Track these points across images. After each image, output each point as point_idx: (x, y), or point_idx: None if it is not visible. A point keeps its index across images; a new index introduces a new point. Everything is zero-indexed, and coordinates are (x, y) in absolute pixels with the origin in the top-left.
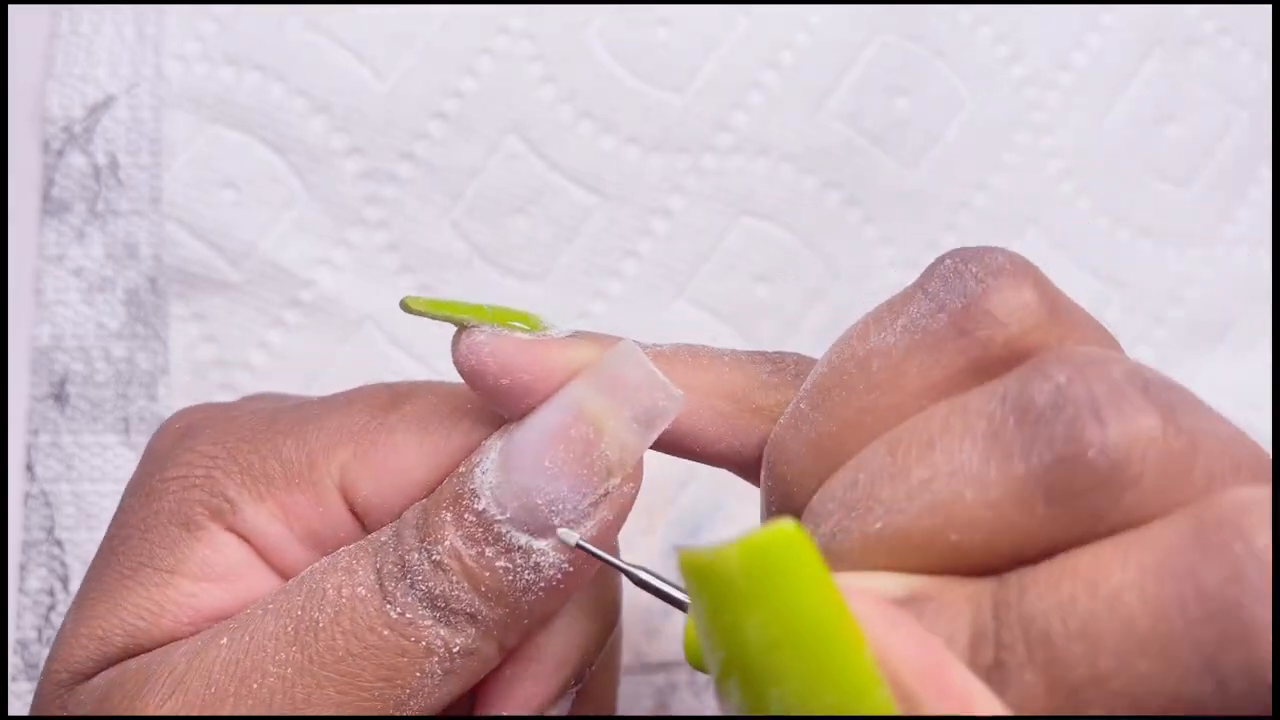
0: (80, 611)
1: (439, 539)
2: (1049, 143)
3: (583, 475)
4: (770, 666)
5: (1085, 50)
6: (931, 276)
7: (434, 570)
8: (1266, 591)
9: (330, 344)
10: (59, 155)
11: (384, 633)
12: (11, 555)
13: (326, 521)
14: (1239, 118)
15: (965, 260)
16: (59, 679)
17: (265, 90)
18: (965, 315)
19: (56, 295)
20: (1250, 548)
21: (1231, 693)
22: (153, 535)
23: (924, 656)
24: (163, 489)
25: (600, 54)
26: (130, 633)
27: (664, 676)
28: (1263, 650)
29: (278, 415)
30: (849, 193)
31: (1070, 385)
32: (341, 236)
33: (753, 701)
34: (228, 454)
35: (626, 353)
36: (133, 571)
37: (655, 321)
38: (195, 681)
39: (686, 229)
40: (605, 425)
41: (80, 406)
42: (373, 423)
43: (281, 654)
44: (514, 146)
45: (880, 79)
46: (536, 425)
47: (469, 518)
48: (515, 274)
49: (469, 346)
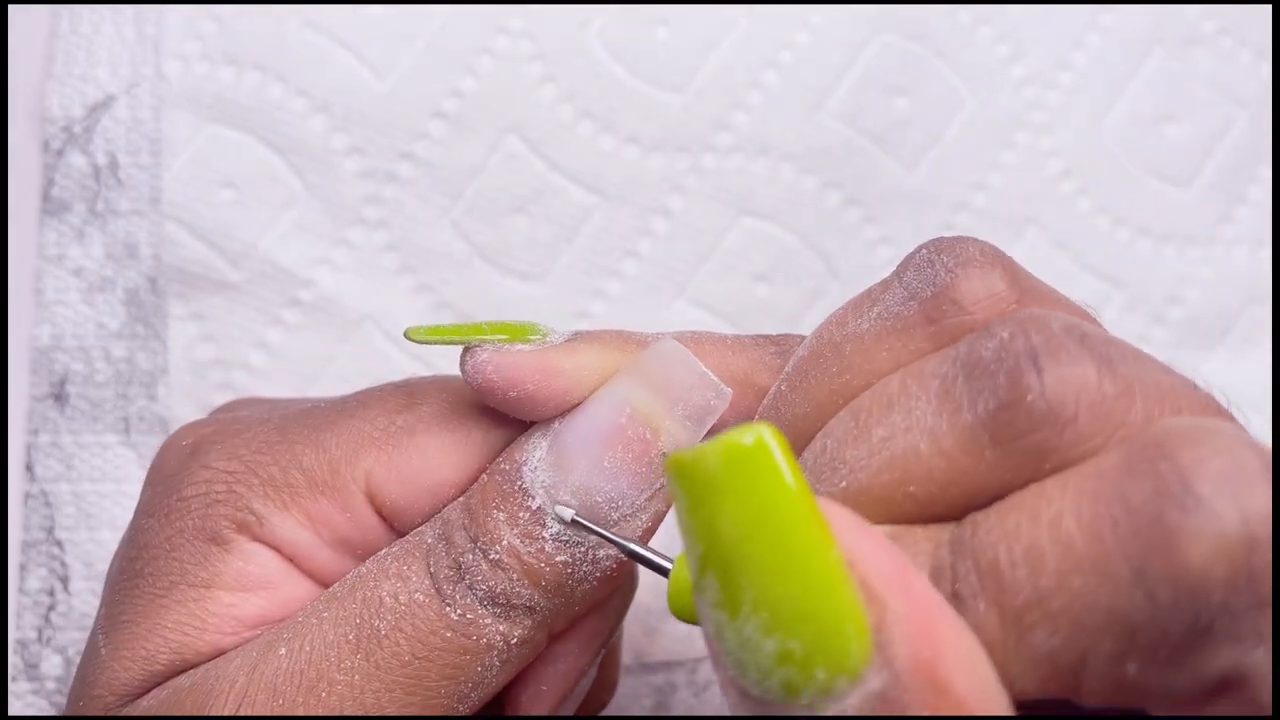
0: (117, 635)
1: (495, 539)
2: (1049, 143)
3: (642, 473)
4: (744, 557)
5: (1085, 50)
6: (907, 266)
7: (492, 569)
8: (1187, 501)
9: (330, 344)
10: (59, 155)
11: (446, 634)
12: (11, 555)
13: (354, 526)
14: (1239, 118)
15: (938, 250)
16: (105, 702)
17: (265, 90)
18: (934, 304)
19: (56, 295)
20: (1173, 464)
21: (1159, 602)
22: (180, 553)
23: (890, 561)
24: (183, 508)
25: (600, 54)
26: (175, 649)
27: (664, 676)
28: (1182, 555)
29: (287, 424)
30: (849, 193)
31: (1012, 339)
32: (341, 236)
33: (728, 593)
34: (246, 468)
35: (674, 353)
36: (166, 590)
37: (655, 321)
38: (259, 694)
39: (686, 229)
40: (661, 425)
41: (80, 406)
42: (392, 426)
43: (346, 662)
44: (514, 146)
45: (880, 79)
46: (589, 425)
47: (523, 515)
48: (515, 274)
49: (474, 367)
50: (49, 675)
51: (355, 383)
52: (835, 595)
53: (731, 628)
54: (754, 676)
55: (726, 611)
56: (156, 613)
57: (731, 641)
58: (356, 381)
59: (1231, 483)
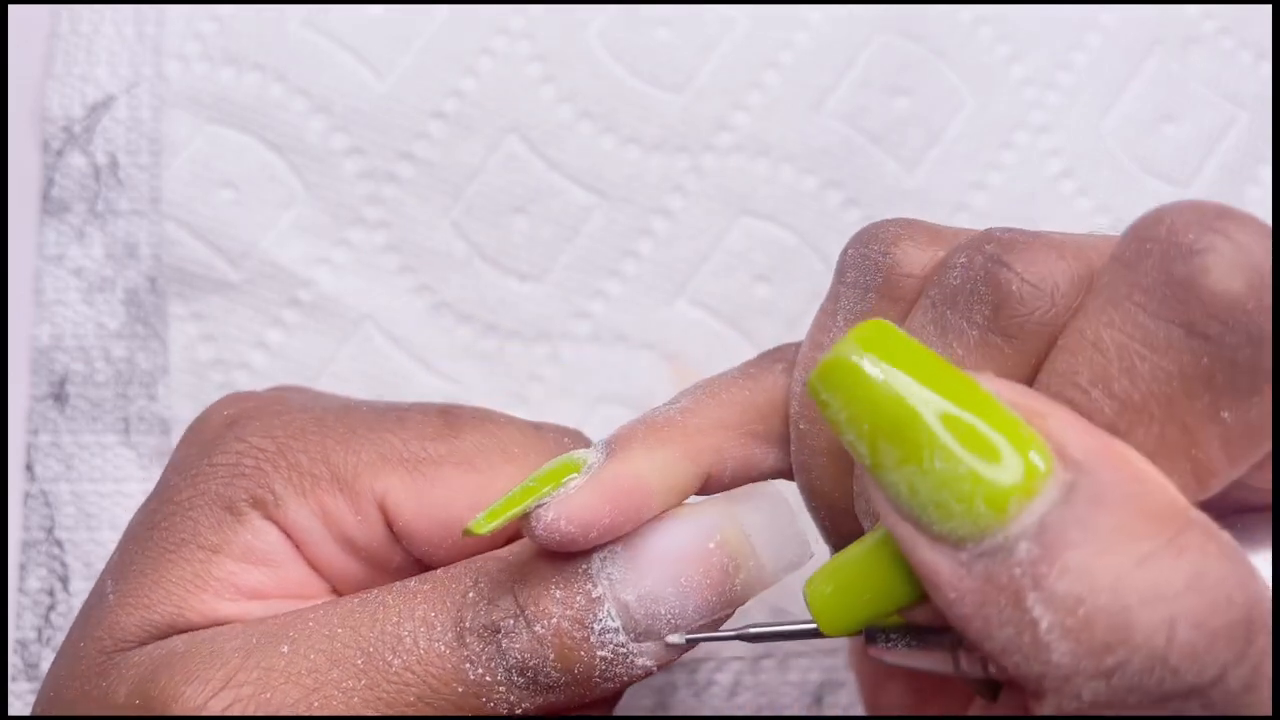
0: (125, 583)
1: (543, 614)
2: (1049, 142)
3: (710, 600)
4: (913, 408)
5: (1085, 50)
6: (845, 269)
7: (531, 643)
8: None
9: (329, 344)
10: (59, 155)
11: (458, 689)
12: (11, 555)
13: (362, 531)
14: (1239, 118)
15: (864, 243)
16: (103, 645)
17: (265, 90)
18: (887, 286)
19: (56, 295)
20: (1154, 239)
21: (1213, 336)
22: (196, 514)
23: (1030, 391)
24: (211, 472)
25: (600, 54)
26: (175, 604)
27: (664, 676)
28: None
29: (326, 418)
30: (849, 193)
31: (970, 260)
32: (341, 236)
33: (909, 447)
34: (278, 449)
35: (777, 502)
36: (176, 547)
37: (655, 321)
38: (249, 681)
39: (686, 229)
40: (745, 564)
41: (80, 406)
42: (423, 452)
43: (348, 682)
44: (514, 146)
45: (880, 79)
46: (675, 540)
47: (579, 600)
48: (515, 274)
49: (545, 528)
50: None
51: (355, 383)
52: (1002, 411)
53: (922, 475)
54: (958, 509)
55: (914, 463)
56: (164, 567)
57: (926, 489)
58: (356, 381)
59: (1202, 218)
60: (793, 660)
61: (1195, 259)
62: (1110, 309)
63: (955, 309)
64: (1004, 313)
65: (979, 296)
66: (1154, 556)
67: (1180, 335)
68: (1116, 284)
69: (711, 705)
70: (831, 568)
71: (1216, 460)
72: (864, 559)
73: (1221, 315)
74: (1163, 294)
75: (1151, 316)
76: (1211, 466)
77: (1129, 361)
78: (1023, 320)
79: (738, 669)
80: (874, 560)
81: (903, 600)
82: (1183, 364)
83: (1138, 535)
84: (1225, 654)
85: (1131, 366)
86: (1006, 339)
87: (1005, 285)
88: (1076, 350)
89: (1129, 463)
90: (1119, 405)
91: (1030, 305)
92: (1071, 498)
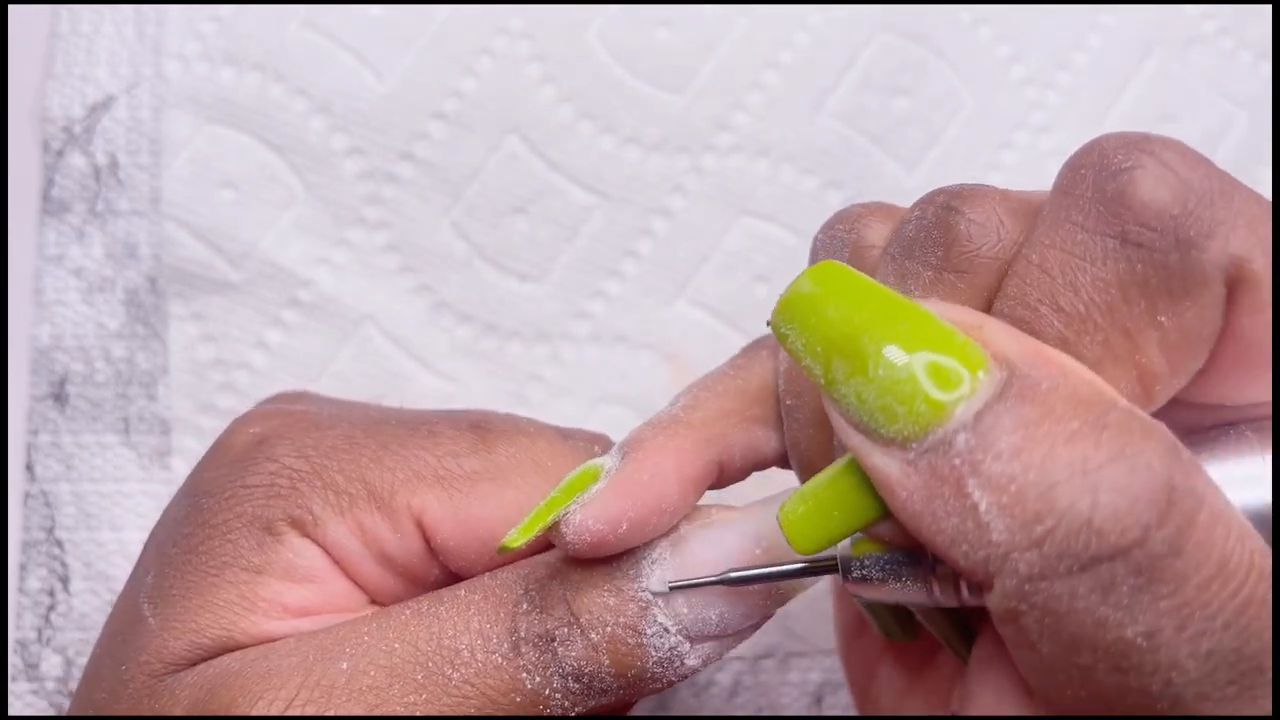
0: (168, 607)
1: (599, 622)
2: (1049, 143)
3: (760, 605)
4: (859, 325)
5: (1085, 50)
6: (816, 253)
7: (586, 651)
8: (1112, 169)
9: (330, 344)
10: (59, 155)
11: (515, 699)
12: (11, 555)
13: (400, 547)
14: (1239, 118)
15: (831, 226)
16: (150, 669)
17: (265, 90)
18: (855, 259)
19: (56, 295)
20: (1083, 165)
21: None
22: (236, 536)
23: (961, 308)
24: (246, 494)
25: (600, 54)
26: (224, 626)
27: None
28: (1137, 200)
29: (356, 435)
30: (849, 193)
31: (922, 212)
32: (341, 236)
33: (857, 360)
34: (313, 469)
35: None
36: (219, 570)
37: (655, 321)
38: (311, 700)
39: (686, 229)
40: (786, 584)
41: (80, 406)
42: (458, 469)
43: (410, 697)
44: (514, 146)
45: (880, 79)
46: (724, 547)
47: (632, 608)
48: (515, 274)
49: (575, 531)
50: (49, 675)
51: (355, 382)
52: (938, 323)
53: (868, 383)
54: (901, 410)
55: (860, 374)
56: (208, 590)
57: (872, 396)
58: (356, 381)
59: (1129, 141)
60: (793, 660)
61: (1124, 175)
62: (1052, 231)
63: (912, 257)
64: (954, 250)
65: (932, 240)
66: (1079, 435)
67: (1115, 245)
68: (1056, 209)
69: (711, 706)
70: (802, 492)
71: (1158, 365)
72: (831, 481)
73: (1151, 223)
74: (1097, 210)
75: (1088, 232)
76: (1154, 371)
77: (1071, 276)
78: (971, 255)
79: (738, 669)
80: (840, 481)
81: (868, 516)
82: (1119, 272)
83: (1064, 418)
84: (1147, 515)
85: (1074, 280)
86: (958, 274)
87: (954, 226)
88: (1024, 274)
89: (1058, 361)
90: (1065, 318)
91: (978, 241)
92: (1005, 393)
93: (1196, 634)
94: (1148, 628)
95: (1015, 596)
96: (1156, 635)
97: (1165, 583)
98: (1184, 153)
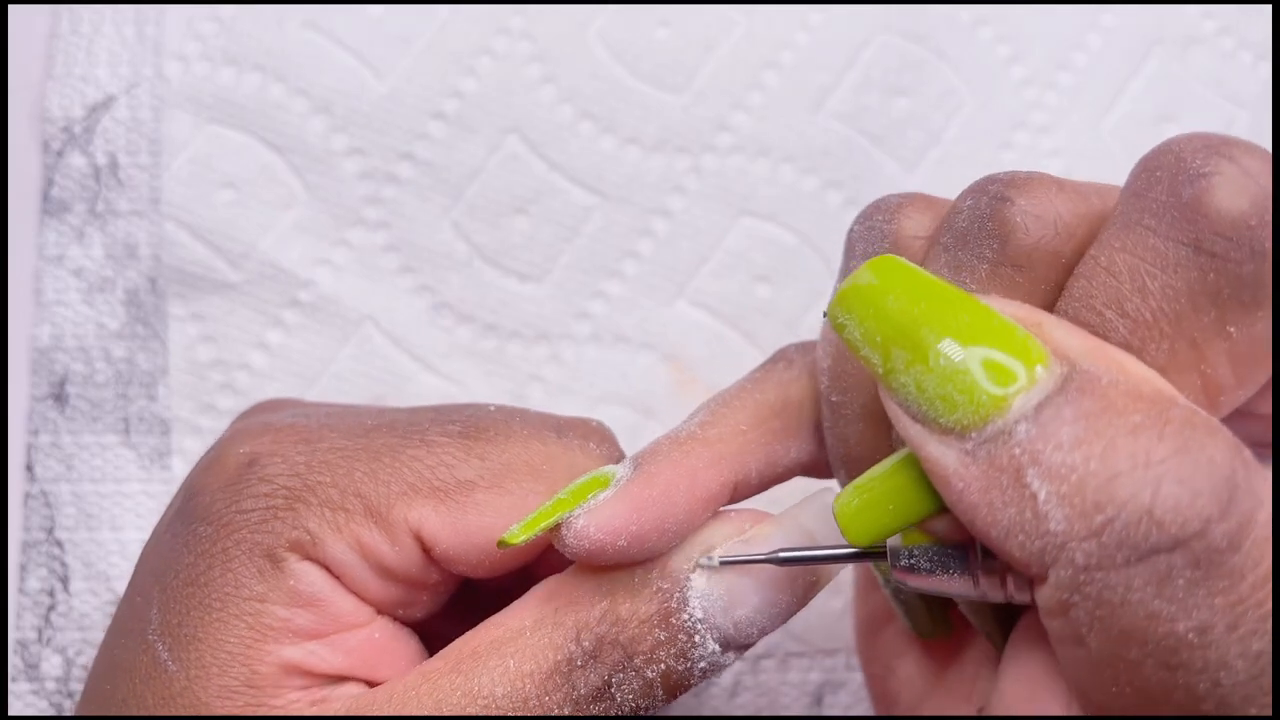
0: (184, 651)
1: (655, 660)
2: (1049, 143)
3: (795, 609)
4: (919, 316)
5: (1085, 50)
6: (853, 245)
7: (644, 688)
8: (1190, 173)
9: (330, 344)
10: (59, 155)
11: None
12: (11, 555)
13: (399, 559)
14: (1239, 118)
15: (869, 217)
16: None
17: (265, 90)
18: (897, 251)
19: (56, 295)
20: (1160, 165)
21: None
22: (236, 565)
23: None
24: (241, 520)
25: (600, 54)
26: (243, 663)
27: None
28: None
29: (347, 446)
30: (849, 193)
31: (975, 203)
32: (341, 236)
33: (917, 351)
34: (305, 486)
35: (830, 501)
36: (223, 604)
37: (655, 322)
38: None
39: (686, 229)
40: (820, 570)
41: (80, 406)
42: (452, 478)
43: None
44: (514, 146)
45: (880, 79)
46: (763, 568)
47: (682, 638)
48: (515, 274)
49: (576, 536)
50: (49, 675)
51: (355, 383)
52: (999, 317)
53: (928, 372)
54: (961, 399)
55: (920, 362)
56: (217, 628)
57: (932, 384)
58: (356, 382)
59: (1208, 144)
60: (793, 660)
61: (1201, 181)
62: (1122, 234)
63: (966, 248)
64: (1011, 244)
65: (987, 232)
66: (1141, 427)
67: (1188, 253)
68: (1128, 211)
69: (711, 706)
70: (858, 484)
71: (1224, 375)
72: (888, 474)
73: (1227, 232)
74: (1171, 216)
75: (1161, 238)
76: (1220, 382)
77: (1140, 281)
78: (1030, 249)
79: (738, 669)
80: (896, 474)
81: (923, 510)
82: (1190, 281)
83: (1126, 411)
84: (1209, 508)
85: (1143, 286)
86: (1016, 269)
87: (1010, 218)
88: (1091, 276)
89: (1119, 359)
90: (1131, 324)
91: (1035, 234)
92: (1066, 386)
93: (1248, 633)
94: (1200, 623)
95: (1069, 587)
96: (1208, 632)
97: (1221, 578)
98: (1263, 159)
